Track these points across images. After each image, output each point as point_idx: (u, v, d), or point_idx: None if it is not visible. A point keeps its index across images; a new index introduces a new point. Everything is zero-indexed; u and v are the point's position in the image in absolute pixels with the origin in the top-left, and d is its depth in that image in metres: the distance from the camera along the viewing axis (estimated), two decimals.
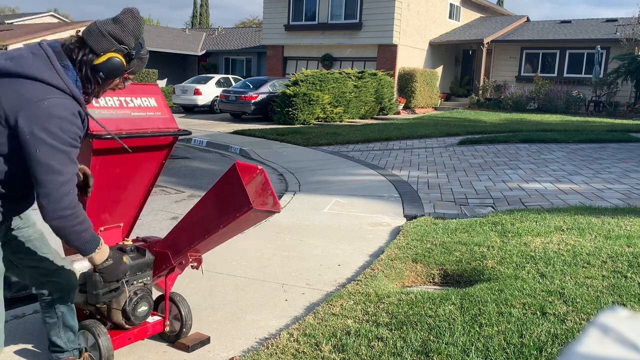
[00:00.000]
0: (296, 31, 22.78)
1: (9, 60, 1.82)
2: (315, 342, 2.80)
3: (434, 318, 3.00)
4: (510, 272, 3.66)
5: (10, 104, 1.76)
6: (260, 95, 17.08)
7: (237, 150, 11.05)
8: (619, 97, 20.29)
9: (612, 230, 4.57)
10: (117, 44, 1.93)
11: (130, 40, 1.96)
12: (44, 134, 1.75)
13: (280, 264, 4.23)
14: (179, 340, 2.87)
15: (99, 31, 1.92)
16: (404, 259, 4.10)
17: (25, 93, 1.76)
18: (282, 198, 6.56)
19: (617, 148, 10.74)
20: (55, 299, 2.33)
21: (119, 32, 1.94)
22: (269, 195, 2.54)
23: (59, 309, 2.35)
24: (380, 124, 15.88)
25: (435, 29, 23.26)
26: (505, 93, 21.46)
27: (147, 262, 2.66)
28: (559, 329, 2.82)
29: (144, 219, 5.51)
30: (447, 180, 7.61)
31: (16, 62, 1.80)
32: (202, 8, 51.23)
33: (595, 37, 21.02)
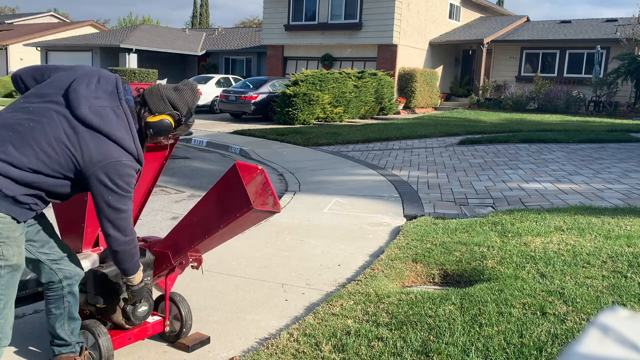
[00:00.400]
0: (296, 31, 22.77)
1: (96, 116, 2.09)
2: (315, 342, 2.80)
3: (434, 318, 3.00)
4: (510, 272, 3.66)
5: (90, 156, 2.07)
6: (260, 95, 17.08)
7: (237, 150, 11.05)
8: (619, 97, 20.28)
9: (612, 230, 4.57)
10: (172, 108, 2.27)
11: (183, 109, 2.29)
12: (114, 186, 2.11)
13: (280, 264, 4.23)
14: (179, 340, 2.87)
15: (160, 94, 2.26)
16: (404, 259, 4.10)
17: (105, 152, 2.09)
18: (282, 198, 6.56)
19: (617, 148, 10.74)
20: (64, 286, 2.39)
21: (176, 99, 2.27)
22: (269, 196, 2.54)
23: (66, 298, 2.41)
24: (380, 124, 15.88)
25: (435, 29, 23.26)
26: (505, 93, 21.45)
27: (148, 262, 2.66)
28: (559, 329, 2.82)
29: (144, 219, 5.51)
30: (447, 180, 7.61)
31: (103, 122, 2.10)
32: (202, 8, 51.22)
33: (595, 37, 21.01)
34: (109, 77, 2.23)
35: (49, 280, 2.37)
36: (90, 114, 2.09)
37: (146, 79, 23.34)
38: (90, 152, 2.07)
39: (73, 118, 2.08)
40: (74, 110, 2.08)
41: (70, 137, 2.06)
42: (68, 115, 2.08)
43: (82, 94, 2.12)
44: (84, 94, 2.12)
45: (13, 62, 32.88)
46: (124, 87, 2.23)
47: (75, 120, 2.08)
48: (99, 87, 2.17)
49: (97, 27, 38.33)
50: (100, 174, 2.08)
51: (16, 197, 2.04)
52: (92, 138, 2.08)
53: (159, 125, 2.25)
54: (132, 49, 26.25)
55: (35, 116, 2.08)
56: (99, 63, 27.55)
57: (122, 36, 28.00)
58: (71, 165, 2.08)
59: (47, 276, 2.36)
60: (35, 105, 2.12)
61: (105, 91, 2.17)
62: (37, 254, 2.31)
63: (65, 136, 2.06)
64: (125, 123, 2.15)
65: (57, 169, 2.07)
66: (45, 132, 2.05)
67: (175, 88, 2.31)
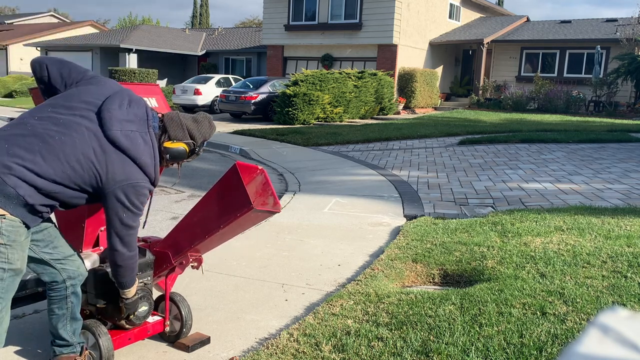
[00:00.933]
0: (296, 31, 22.77)
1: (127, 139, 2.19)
2: (315, 342, 2.80)
3: (434, 318, 3.00)
4: (510, 272, 3.66)
5: (114, 175, 2.17)
6: (260, 95, 17.07)
7: (237, 150, 11.05)
8: (619, 97, 20.28)
9: (612, 230, 4.57)
10: (189, 138, 2.39)
11: (199, 139, 2.42)
12: (130, 205, 2.21)
13: (280, 264, 4.23)
14: (179, 340, 2.87)
15: (180, 123, 2.37)
16: (404, 259, 4.10)
17: (129, 173, 2.19)
18: (282, 198, 6.56)
19: (617, 148, 10.74)
20: (68, 286, 2.39)
21: (194, 129, 2.40)
22: (269, 196, 2.54)
23: (69, 299, 2.41)
24: (380, 124, 15.88)
25: (435, 29, 23.25)
26: (505, 93, 21.45)
27: (148, 262, 2.66)
28: (559, 329, 2.82)
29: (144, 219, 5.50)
30: (447, 180, 7.62)
31: (133, 145, 2.20)
32: (202, 8, 51.21)
33: (595, 37, 21.01)
34: (139, 102, 2.31)
35: (52, 280, 2.37)
36: (121, 137, 2.17)
37: (146, 79, 23.33)
38: (114, 172, 2.16)
39: (104, 138, 2.15)
40: (106, 131, 2.15)
41: (98, 155, 2.14)
42: (99, 134, 2.15)
43: (115, 115, 2.19)
44: (117, 115, 2.19)
45: (13, 62, 32.89)
46: (152, 114, 2.33)
47: (106, 140, 2.15)
48: (130, 110, 2.24)
49: (97, 27, 38.34)
50: (120, 193, 2.18)
51: (35, 205, 2.08)
52: (119, 159, 2.17)
53: (176, 152, 2.37)
54: (132, 49, 26.25)
55: (65, 129, 2.12)
56: (99, 63, 27.56)
57: (122, 36, 28.00)
58: (93, 182, 2.15)
59: (51, 276, 2.37)
60: (65, 117, 2.15)
61: (136, 115, 2.25)
62: (41, 253, 2.31)
63: (93, 154, 2.13)
64: (150, 150, 2.26)
65: (79, 183, 2.14)
66: (75, 147, 2.11)
67: (194, 119, 2.44)
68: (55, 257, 2.35)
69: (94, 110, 2.18)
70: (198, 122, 2.43)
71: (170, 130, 2.34)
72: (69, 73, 2.31)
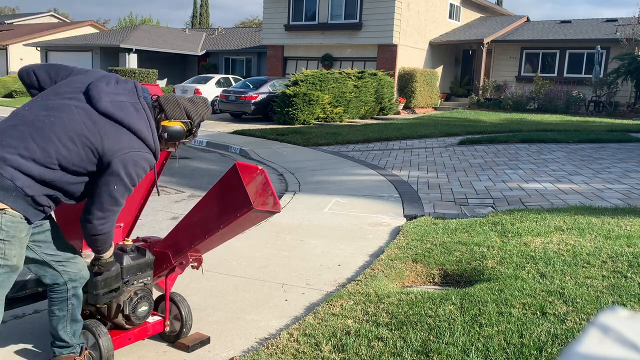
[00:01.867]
0: (296, 31, 22.77)
1: (117, 109, 2.16)
2: (315, 342, 2.80)
3: (434, 318, 3.00)
4: (510, 272, 3.66)
5: (110, 145, 2.12)
6: (260, 95, 17.07)
7: (237, 150, 11.05)
8: (619, 97, 20.28)
9: (612, 230, 4.57)
10: (186, 117, 2.39)
11: (196, 119, 2.42)
12: (126, 178, 2.15)
13: (280, 264, 4.23)
14: (179, 340, 2.87)
15: (176, 103, 2.38)
16: (404, 259, 4.10)
17: (125, 142, 2.14)
18: (282, 198, 6.56)
19: (617, 148, 10.74)
20: (69, 288, 2.39)
21: (191, 108, 2.40)
22: (269, 196, 2.54)
23: (70, 301, 2.41)
24: (380, 124, 15.88)
25: (435, 29, 23.25)
26: (505, 93, 21.44)
27: (148, 262, 2.66)
28: (559, 329, 2.82)
29: (144, 219, 5.50)
30: (447, 180, 7.61)
31: (124, 114, 2.16)
32: (202, 8, 51.21)
33: (595, 37, 21.01)
34: (127, 80, 2.33)
35: (54, 282, 2.36)
36: (111, 106, 2.15)
37: (146, 79, 23.33)
38: (110, 142, 2.12)
39: (94, 111, 2.13)
40: (95, 104, 2.14)
41: (90, 129, 2.11)
42: (88, 109, 2.14)
43: (103, 89, 2.18)
44: (104, 89, 2.19)
45: (13, 62, 32.88)
46: (141, 87, 2.34)
47: (96, 113, 2.13)
48: (118, 86, 2.25)
49: (97, 27, 38.34)
50: (117, 162, 2.13)
51: (35, 197, 2.06)
52: (113, 129, 2.14)
53: (173, 130, 2.35)
54: (132, 49, 26.25)
55: (54, 112, 2.11)
56: (99, 63, 27.56)
57: (122, 36, 28.00)
58: (91, 157, 2.12)
59: (52, 278, 2.36)
60: (54, 102, 2.15)
61: (125, 89, 2.25)
62: (43, 254, 2.31)
63: (85, 129, 2.10)
64: (144, 117, 2.23)
65: (78, 162, 2.10)
66: (65, 125, 2.08)
67: (191, 100, 2.45)
68: (56, 258, 2.34)
69: (81, 91, 2.18)
70: (194, 103, 2.44)
71: (167, 109, 2.34)
72: (57, 72, 2.32)
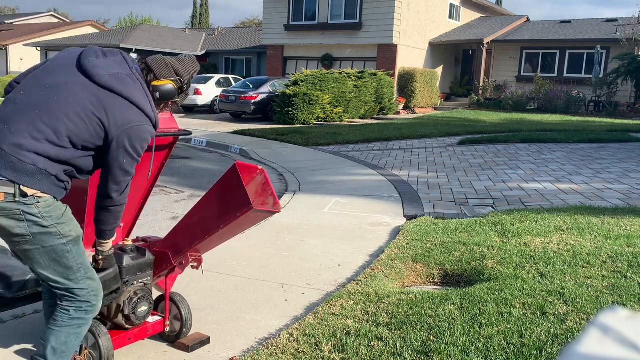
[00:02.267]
0: (296, 31, 22.77)
1: (116, 81, 2.16)
2: (315, 342, 2.80)
3: (434, 318, 3.00)
4: (510, 272, 3.66)
5: (116, 119, 2.13)
6: (260, 95, 17.07)
7: (237, 150, 11.05)
8: (619, 97, 20.28)
9: (612, 230, 4.57)
10: (175, 75, 2.37)
11: (185, 76, 2.40)
12: (132, 150, 2.19)
13: (280, 264, 4.23)
14: (179, 340, 2.87)
15: (164, 62, 2.36)
16: (404, 259, 4.10)
17: (129, 116, 2.16)
18: (282, 198, 6.56)
19: (617, 148, 10.74)
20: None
21: (179, 66, 2.39)
22: (269, 196, 2.54)
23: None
24: (380, 124, 15.88)
25: (435, 29, 23.25)
26: (505, 93, 21.45)
27: (147, 262, 2.66)
28: (559, 329, 2.82)
29: (144, 219, 5.50)
30: (447, 180, 7.61)
31: (124, 86, 2.17)
32: (202, 8, 51.21)
33: (595, 37, 21.01)
34: (113, 50, 2.30)
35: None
36: (110, 79, 2.14)
37: None
38: (115, 116, 2.13)
39: (94, 85, 2.12)
40: (93, 78, 2.13)
41: (94, 104, 2.11)
42: (88, 83, 2.12)
43: (96, 63, 2.16)
44: (97, 63, 2.16)
45: (13, 62, 32.88)
46: (130, 58, 2.32)
47: (97, 87, 2.12)
48: (107, 59, 2.23)
49: (97, 27, 38.34)
50: (124, 137, 2.15)
51: (58, 175, 2.08)
52: (116, 102, 2.14)
53: (165, 89, 2.34)
54: (132, 49, 26.25)
55: (55, 90, 2.09)
56: None
57: (122, 36, 28.02)
58: (99, 131, 2.13)
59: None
60: (49, 81, 2.13)
61: (115, 62, 2.23)
62: None
63: (90, 104, 2.10)
64: (141, 88, 2.23)
65: (88, 138, 2.11)
66: (70, 103, 2.08)
67: (177, 58, 2.44)
68: None
69: (73, 66, 2.16)
70: (181, 61, 2.43)
71: (155, 69, 2.33)
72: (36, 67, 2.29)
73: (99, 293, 2.28)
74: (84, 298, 2.22)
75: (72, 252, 2.15)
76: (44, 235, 2.06)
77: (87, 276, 2.22)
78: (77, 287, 2.19)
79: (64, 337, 2.26)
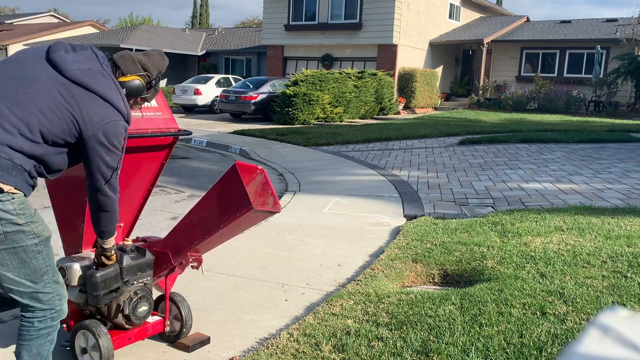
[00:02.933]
0: (296, 31, 22.77)
1: (88, 77, 2.11)
2: (315, 342, 2.80)
3: (434, 318, 3.00)
4: (510, 272, 3.66)
5: (89, 117, 2.09)
6: (260, 95, 17.07)
7: (237, 150, 11.05)
8: (619, 97, 20.29)
9: (612, 230, 4.57)
10: (142, 70, 2.32)
11: (153, 71, 2.35)
12: (110, 146, 2.15)
13: (280, 264, 4.23)
14: (179, 340, 2.87)
15: (130, 57, 2.31)
16: (404, 259, 4.10)
17: (103, 112, 2.12)
18: (282, 198, 6.56)
19: (617, 148, 10.74)
20: None
21: (146, 61, 2.34)
22: (269, 196, 2.54)
23: None
24: (380, 124, 15.88)
25: (435, 29, 23.25)
26: (505, 93, 21.45)
27: (147, 262, 2.66)
28: (559, 329, 2.82)
29: (144, 219, 5.50)
30: (447, 180, 7.61)
31: (96, 82, 2.12)
32: (202, 8, 51.20)
33: (595, 37, 21.02)
34: (83, 45, 2.25)
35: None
36: (82, 74, 2.09)
37: None
38: (88, 112, 2.09)
39: (66, 80, 2.07)
40: (64, 72, 2.07)
41: (67, 99, 2.06)
42: (59, 78, 2.07)
43: (66, 58, 2.10)
44: (68, 58, 2.10)
45: None
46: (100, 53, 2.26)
47: (69, 82, 2.07)
48: (76, 53, 2.17)
49: (97, 27, 38.33)
50: (100, 134, 2.10)
51: (30, 171, 2.03)
52: (89, 98, 2.09)
53: (132, 85, 2.28)
54: (132, 49, 26.19)
55: (26, 84, 2.03)
56: None
57: (122, 36, 28.01)
58: (72, 128, 2.08)
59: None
60: (20, 73, 2.06)
61: (85, 56, 2.17)
62: None
63: (62, 99, 2.05)
64: (112, 84, 2.18)
65: (59, 134, 2.06)
66: (43, 97, 2.02)
67: (145, 53, 2.39)
68: None
69: (43, 59, 2.10)
70: (149, 55, 2.38)
71: (122, 65, 2.28)
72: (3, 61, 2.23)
73: (63, 297, 2.21)
74: (48, 304, 2.14)
75: (42, 252, 2.09)
76: (17, 234, 1.99)
77: (53, 279, 2.15)
78: (42, 291, 2.12)
79: (35, 349, 2.20)
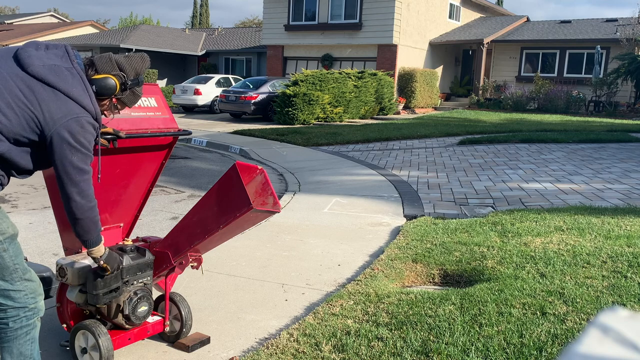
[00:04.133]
0: (296, 31, 22.77)
1: (50, 73, 2.04)
2: (315, 342, 2.80)
3: (434, 318, 3.00)
4: (510, 272, 3.66)
5: (51, 113, 2.02)
6: (260, 95, 17.08)
7: (237, 150, 11.05)
8: (619, 97, 20.29)
9: (612, 230, 4.57)
10: (118, 69, 2.24)
11: (130, 72, 2.27)
12: (77, 144, 2.06)
13: (280, 264, 4.23)
14: (179, 340, 2.87)
15: (108, 57, 2.25)
16: (404, 259, 4.10)
17: (65, 109, 2.05)
18: (282, 198, 6.56)
19: (617, 148, 10.74)
20: None
21: (123, 61, 2.26)
22: (269, 195, 2.54)
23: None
24: (380, 124, 15.88)
25: (435, 29, 23.26)
26: (505, 93, 21.45)
27: (147, 262, 2.66)
28: (559, 329, 2.82)
29: (144, 219, 5.51)
30: (447, 180, 7.61)
31: (59, 79, 2.05)
32: (202, 8, 51.20)
33: (595, 37, 21.02)
34: (57, 44, 2.20)
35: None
36: (44, 70, 2.04)
37: (146, 79, 23.31)
38: (50, 109, 2.02)
39: (27, 75, 2.02)
40: (26, 68, 2.02)
41: (27, 95, 2.00)
42: (21, 74, 2.02)
43: (33, 54, 2.06)
44: (35, 55, 2.06)
45: None
46: (74, 52, 2.21)
47: (30, 78, 2.02)
48: (48, 51, 2.12)
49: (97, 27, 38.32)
50: (63, 131, 2.03)
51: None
52: (51, 95, 2.03)
53: (102, 83, 2.19)
54: (132, 49, 26.22)
55: None
56: None
57: (122, 36, 28.01)
58: (33, 126, 2.01)
59: None
60: None
61: (56, 55, 2.12)
62: None
63: (22, 95, 1.99)
64: (81, 82, 2.12)
65: (20, 132, 2.00)
66: (1, 93, 1.97)
67: (126, 55, 2.32)
68: None
69: (9, 57, 2.06)
70: (128, 57, 2.30)
71: (97, 64, 2.20)
72: None
73: (38, 294, 2.17)
74: (20, 302, 2.11)
75: (8, 250, 2.06)
76: None
77: (24, 277, 2.12)
78: (13, 289, 2.09)
79: (16, 349, 2.16)
